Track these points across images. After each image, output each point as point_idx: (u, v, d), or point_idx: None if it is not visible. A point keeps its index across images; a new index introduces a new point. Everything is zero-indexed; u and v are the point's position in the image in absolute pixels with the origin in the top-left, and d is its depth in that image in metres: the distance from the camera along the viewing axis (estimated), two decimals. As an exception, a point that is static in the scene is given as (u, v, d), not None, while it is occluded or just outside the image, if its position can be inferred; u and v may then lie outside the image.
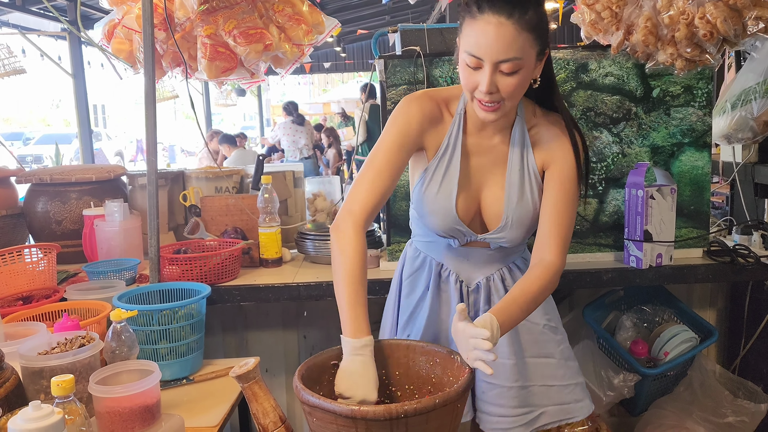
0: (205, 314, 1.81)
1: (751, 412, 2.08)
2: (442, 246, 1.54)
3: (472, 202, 1.47)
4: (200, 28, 2.30)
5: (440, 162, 1.44)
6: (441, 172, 1.44)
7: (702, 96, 2.04)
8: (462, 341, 1.20)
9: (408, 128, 1.41)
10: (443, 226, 1.46)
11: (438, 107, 1.45)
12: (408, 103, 1.44)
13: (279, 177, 2.47)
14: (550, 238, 1.39)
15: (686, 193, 2.09)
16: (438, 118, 1.45)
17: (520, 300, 1.31)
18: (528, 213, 1.44)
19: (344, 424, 1.10)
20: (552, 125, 1.46)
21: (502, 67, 1.26)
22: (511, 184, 1.44)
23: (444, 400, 1.11)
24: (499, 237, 1.46)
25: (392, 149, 1.40)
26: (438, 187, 1.44)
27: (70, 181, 2.43)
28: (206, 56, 2.28)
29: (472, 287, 1.54)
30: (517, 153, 1.44)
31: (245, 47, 2.28)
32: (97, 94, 22.08)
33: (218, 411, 1.55)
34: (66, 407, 1.10)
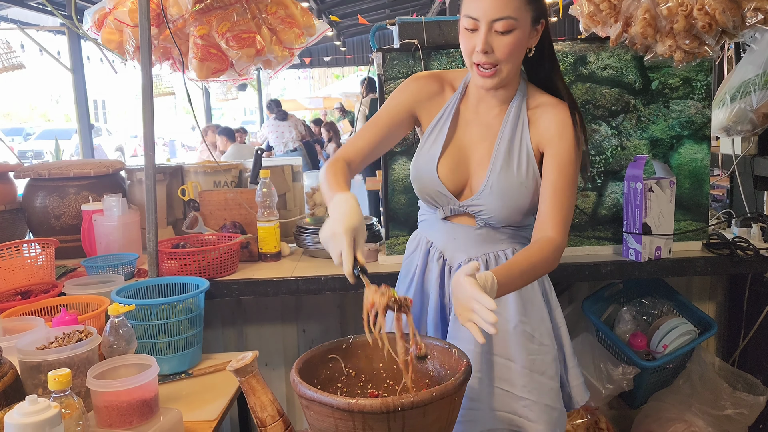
0: (203, 308, 1.81)
1: (750, 404, 2.09)
2: (433, 222, 1.57)
3: (459, 170, 1.50)
4: (193, 28, 2.29)
5: (432, 130, 1.53)
6: (432, 139, 1.52)
7: (701, 88, 2.03)
8: (462, 298, 1.17)
9: (401, 97, 1.54)
10: (426, 189, 1.52)
11: (440, 84, 1.55)
12: (412, 78, 1.57)
13: (277, 171, 2.47)
14: (550, 217, 1.40)
15: (685, 185, 2.08)
16: (437, 92, 1.54)
17: (523, 265, 1.31)
18: (511, 184, 1.44)
19: (341, 417, 1.10)
20: (554, 107, 1.48)
21: (497, 26, 1.33)
22: (498, 152, 1.47)
23: (441, 393, 1.11)
24: (479, 204, 1.47)
25: (387, 111, 1.54)
26: (426, 152, 1.52)
27: (69, 176, 2.43)
28: (197, 57, 2.28)
29: (455, 266, 1.53)
30: (510, 126, 1.48)
31: (238, 51, 2.28)
32: (97, 89, 22.06)
33: (217, 405, 1.55)
34: (63, 401, 1.10)
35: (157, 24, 2.22)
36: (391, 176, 2.07)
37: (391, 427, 1.09)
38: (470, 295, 1.15)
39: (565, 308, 2.37)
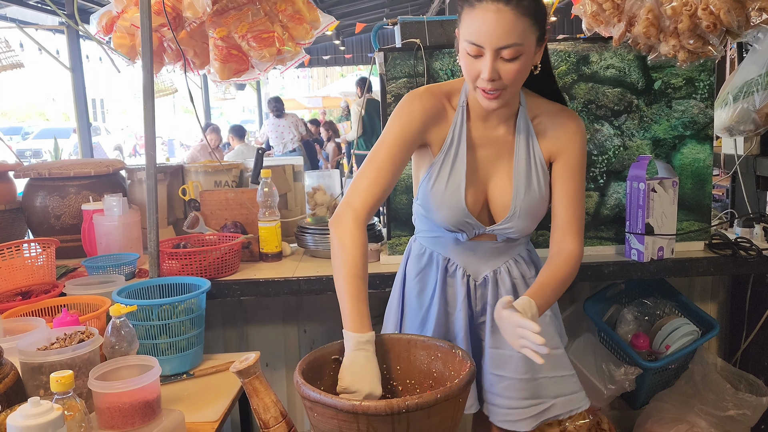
0: (205, 309, 1.80)
1: (752, 405, 2.08)
2: (448, 241, 1.53)
3: (479, 194, 1.46)
4: (212, 30, 2.30)
5: (446, 156, 1.44)
6: (448, 166, 1.44)
7: (704, 88, 2.02)
8: (508, 329, 1.23)
9: (410, 124, 1.41)
10: (452, 220, 1.45)
11: (440, 102, 1.45)
12: (410, 99, 1.44)
13: (278, 171, 2.46)
14: (568, 229, 1.43)
15: (688, 185, 2.08)
16: (441, 113, 1.45)
17: (552, 284, 1.36)
18: (535, 202, 1.44)
19: (345, 419, 1.09)
20: (556, 114, 1.46)
21: (503, 53, 1.27)
22: (518, 173, 1.44)
23: (446, 394, 1.10)
24: (507, 228, 1.46)
25: (395, 145, 1.40)
26: (446, 181, 1.43)
27: (69, 175, 2.42)
28: (219, 58, 2.29)
29: (479, 281, 1.53)
30: (523, 142, 1.45)
31: (260, 51, 2.29)
32: (96, 89, 22.04)
33: (219, 406, 1.54)
34: (65, 403, 1.09)
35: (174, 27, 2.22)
36: (392, 176, 2.06)
37: (396, 429, 1.09)
38: (515, 324, 1.21)
39: (567, 309, 2.37)
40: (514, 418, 1.51)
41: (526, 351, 1.21)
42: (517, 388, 1.51)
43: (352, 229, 1.34)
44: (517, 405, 1.51)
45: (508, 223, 1.45)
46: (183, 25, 2.25)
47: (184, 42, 2.30)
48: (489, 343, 1.53)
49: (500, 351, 1.51)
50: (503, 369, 1.51)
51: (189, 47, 2.32)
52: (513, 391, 1.51)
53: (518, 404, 1.51)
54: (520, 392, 1.51)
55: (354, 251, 1.32)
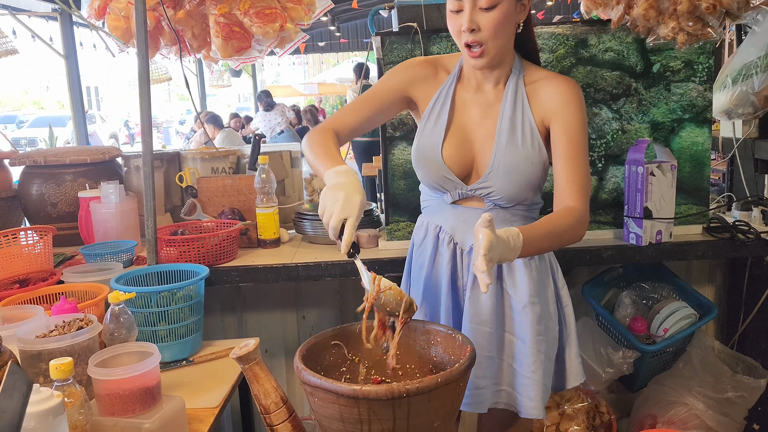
0: (203, 295, 1.80)
1: (750, 387, 2.09)
2: (438, 206, 1.56)
3: (463, 153, 1.49)
4: (213, 7, 2.27)
5: (430, 114, 1.52)
6: (431, 123, 1.52)
7: (702, 71, 2.01)
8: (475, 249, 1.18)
9: (396, 76, 1.55)
10: (432, 175, 1.51)
11: (434, 68, 1.56)
12: (406, 61, 1.59)
13: (276, 157, 2.45)
14: (567, 187, 1.40)
15: (686, 169, 2.07)
16: (431, 75, 1.55)
17: (547, 226, 1.32)
18: (518, 161, 1.44)
19: (346, 404, 1.10)
20: (552, 80, 1.49)
21: (480, 2, 1.34)
22: (500, 131, 1.47)
23: (446, 379, 1.10)
24: (487, 186, 1.47)
25: (379, 87, 1.54)
26: (428, 137, 1.51)
27: (65, 163, 2.40)
28: (220, 35, 2.26)
29: (466, 249, 1.52)
30: (510, 104, 1.48)
31: (263, 27, 2.26)
32: (90, 76, 21.90)
33: (219, 392, 1.55)
34: (65, 390, 1.09)
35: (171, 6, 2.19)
36: (390, 161, 2.06)
37: (396, 414, 1.09)
38: (476, 252, 1.15)
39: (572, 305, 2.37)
40: (475, 400, 1.49)
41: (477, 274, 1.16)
42: (484, 366, 1.48)
43: (316, 134, 1.45)
44: (479, 384, 1.48)
45: (487, 181, 1.46)
46: (182, 3, 2.21)
47: (183, 22, 2.27)
48: (466, 316, 1.49)
49: (475, 326, 1.48)
50: (480, 347, 1.46)
51: (187, 27, 2.29)
52: (479, 369, 1.47)
53: (480, 383, 1.48)
54: (484, 370, 1.48)
55: (321, 139, 1.42)
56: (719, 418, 2.08)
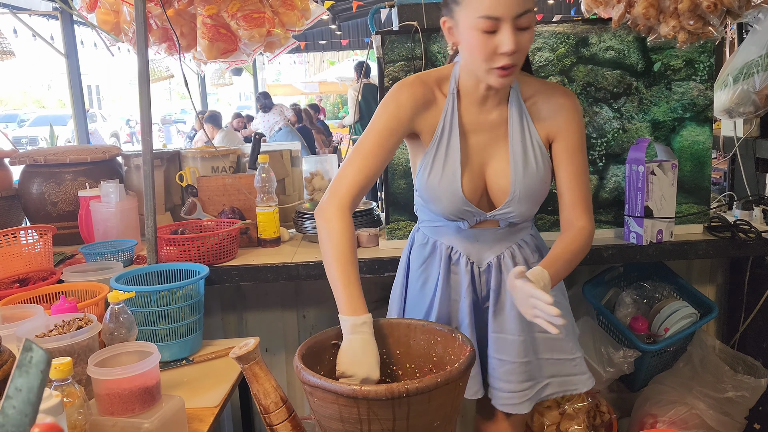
0: (203, 295, 1.79)
1: (751, 386, 2.09)
2: (450, 229, 1.52)
3: (477, 181, 1.45)
4: (201, 8, 2.26)
5: (439, 145, 1.42)
6: (441, 155, 1.42)
7: (703, 70, 2.01)
8: (521, 298, 1.26)
9: (399, 113, 1.40)
10: (452, 210, 1.44)
11: (431, 90, 1.43)
12: (399, 87, 1.42)
13: (276, 156, 2.44)
14: (575, 207, 1.44)
15: (687, 168, 2.07)
16: (431, 101, 1.43)
17: (564, 256, 1.38)
18: (534, 183, 1.43)
19: (346, 403, 1.09)
20: (550, 94, 1.45)
21: (520, 21, 1.25)
22: (515, 156, 1.43)
23: (446, 378, 1.10)
24: (508, 212, 1.45)
25: (382, 134, 1.40)
26: (441, 171, 1.42)
27: (65, 162, 2.40)
28: (207, 36, 2.25)
29: (483, 267, 1.53)
30: (517, 125, 1.43)
31: (249, 31, 2.26)
32: (91, 75, 21.91)
33: (219, 392, 1.55)
34: (64, 390, 1.09)
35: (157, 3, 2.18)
36: (391, 161, 2.05)
37: (396, 414, 1.09)
38: (528, 294, 1.23)
39: (566, 292, 2.36)
40: (515, 401, 1.52)
41: (540, 321, 1.23)
42: (518, 372, 1.52)
43: (337, 216, 1.34)
44: (517, 388, 1.52)
45: (508, 207, 1.44)
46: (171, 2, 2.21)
47: (172, 20, 2.27)
48: (492, 328, 1.53)
49: (502, 336, 1.52)
50: (504, 353, 1.51)
51: (176, 26, 2.28)
52: (513, 375, 1.52)
53: (518, 387, 1.52)
54: (519, 375, 1.52)
55: (341, 238, 1.32)
56: (720, 418, 2.07)
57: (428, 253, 1.56)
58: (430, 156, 1.43)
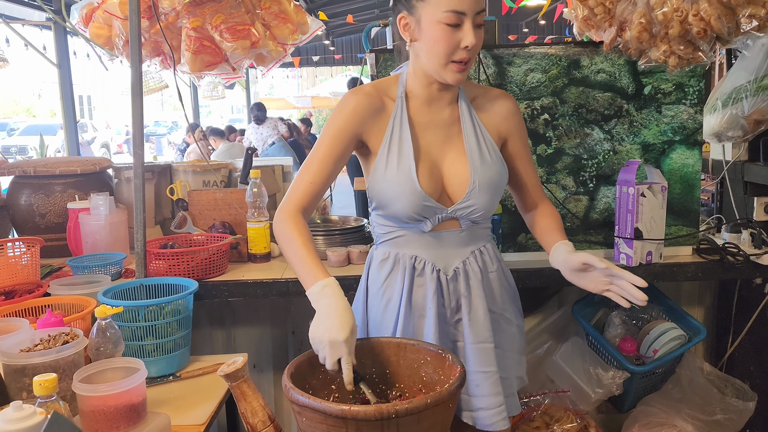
0: (192, 310, 1.78)
1: (739, 410, 2.09)
2: (413, 236, 1.49)
3: (434, 177, 1.46)
4: (186, 20, 2.26)
5: (390, 145, 1.45)
6: (395, 154, 1.44)
7: (693, 94, 2.03)
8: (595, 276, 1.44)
9: (347, 120, 1.44)
10: (412, 206, 1.43)
11: (378, 97, 1.47)
12: (347, 97, 1.47)
13: (268, 171, 2.44)
14: (536, 190, 1.64)
15: (676, 190, 2.09)
16: (379, 108, 1.47)
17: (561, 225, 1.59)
18: (492, 175, 1.47)
19: (334, 424, 1.08)
20: (493, 97, 1.55)
21: (478, 19, 1.35)
22: (470, 149, 1.47)
23: (436, 399, 1.09)
24: (469, 205, 1.46)
25: (332, 141, 1.44)
26: (396, 167, 1.43)
27: (55, 173, 2.38)
28: (191, 49, 2.25)
29: (450, 275, 1.49)
30: (468, 122, 1.49)
31: (232, 43, 2.26)
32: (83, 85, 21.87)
33: (205, 409, 1.53)
34: (48, 407, 1.07)
35: (147, 17, 2.18)
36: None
37: (385, 435, 1.07)
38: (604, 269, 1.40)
39: (555, 312, 2.37)
40: (503, 416, 1.48)
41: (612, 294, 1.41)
42: (499, 383, 1.48)
43: (290, 220, 1.40)
44: (501, 402, 1.48)
45: (468, 200, 1.45)
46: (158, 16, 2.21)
47: (159, 34, 2.27)
48: (470, 339, 1.48)
49: (482, 345, 1.48)
50: (487, 364, 1.47)
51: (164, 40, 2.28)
52: (498, 386, 1.48)
53: (501, 401, 1.48)
54: (500, 387, 1.49)
55: (295, 233, 1.37)
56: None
57: (389, 269, 1.51)
58: (383, 156, 1.45)
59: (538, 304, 2.38)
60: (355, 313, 1.54)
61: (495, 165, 1.48)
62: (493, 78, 2.00)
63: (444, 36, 1.34)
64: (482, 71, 1.99)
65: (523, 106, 2.02)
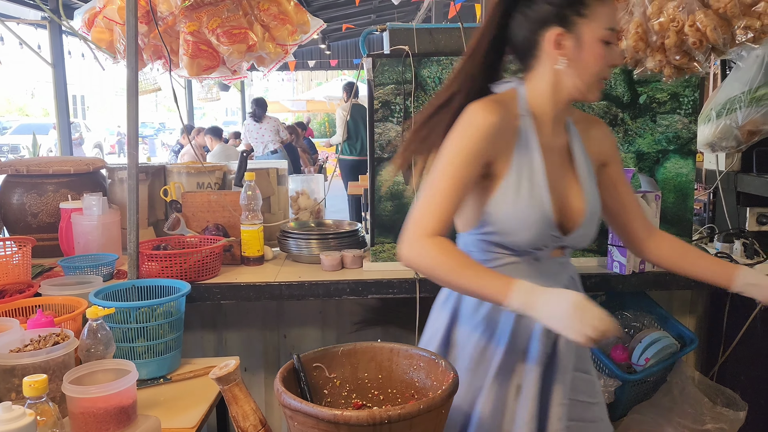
0: (184, 312, 1.77)
1: (730, 419, 2.10)
2: (521, 265, 1.37)
3: (556, 205, 1.36)
4: (183, 24, 2.26)
5: (520, 169, 1.33)
6: (525, 179, 1.32)
7: (688, 103, 2.04)
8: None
9: (480, 141, 1.29)
10: (539, 235, 1.33)
11: (506, 115, 1.33)
12: (477, 114, 1.30)
13: (262, 174, 2.44)
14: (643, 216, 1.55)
15: (670, 199, 2.09)
16: (507, 127, 1.33)
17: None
18: (598, 204, 1.42)
19: (326, 428, 1.08)
20: (591, 121, 1.51)
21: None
22: (582, 176, 1.40)
23: (429, 405, 1.09)
24: (582, 234, 1.38)
25: (462, 164, 1.28)
26: (528, 196, 1.31)
27: (48, 173, 2.37)
28: (188, 53, 2.25)
29: None
30: (578, 147, 1.42)
31: (228, 47, 2.25)
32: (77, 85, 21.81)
33: (196, 412, 1.52)
34: (38, 408, 1.06)
35: (146, 22, 2.18)
36: (378, 182, 2.06)
37: (377, 440, 1.07)
38: None
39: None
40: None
41: None
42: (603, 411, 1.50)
43: (433, 242, 1.26)
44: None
45: (583, 229, 1.38)
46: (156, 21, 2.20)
47: (157, 38, 2.27)
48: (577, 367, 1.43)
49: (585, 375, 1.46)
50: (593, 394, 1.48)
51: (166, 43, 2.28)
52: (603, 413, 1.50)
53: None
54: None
55: (449, 248, 1.25)
56: (698, 450, 2.08)
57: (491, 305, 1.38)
58: (510, 181, 1.32)
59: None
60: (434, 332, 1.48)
61: (596, 192, 1.43)
62: (490, 84, 2.01)
63: (603, 54, 1.30)
64: (478, 78, 1.99)
65: (519, 113, 2.03)
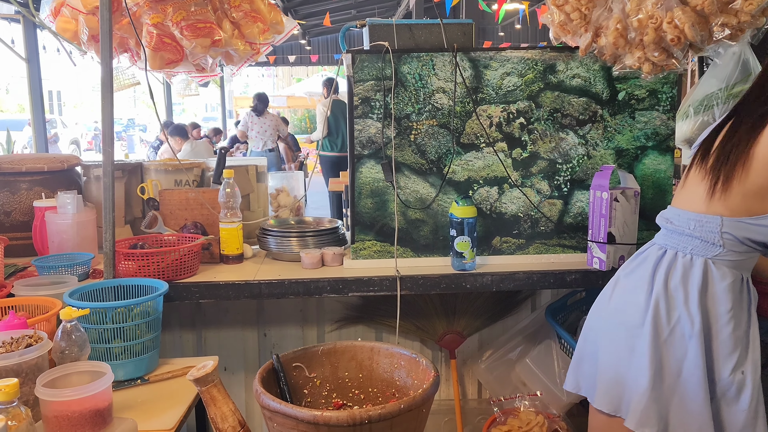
0: (162, 312, 1.74)
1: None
2: (755, 257, 1.55)
3: None
4: (147, 16, 2.21)
5: None
6: None
7: (666, 100, 2.06)
8: None
9: None
10: None
11: None
12: None
13: (241, 171, 2.41)
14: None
15: (648, 195, 2.11)
16: None
17: None
18: None
19: (306, 429, 1.07)
20: None
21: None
22: None
23: (409, 405, 1.09)
24: None
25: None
26: None
27: (21, 170, 2.32)
28: (150, 45, 2.20)
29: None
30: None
31: (191, 41, 2.21)
32: (53, 80, 21.47)
33: (174, 413, 1.49)
34: (9, 412, 1.04)
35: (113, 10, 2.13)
36: (358, 179, 2.04)
37: (358, 441, 1.06)
38: None
39: (528, 315, 2.38)
40: None
41: None
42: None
43: None
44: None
45: None
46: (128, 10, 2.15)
47: (124, 29, 2.22)
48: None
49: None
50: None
51: (131, 36, 2.23)
52: None
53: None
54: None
55: None
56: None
57: (737, 292, 1.50)
58: None
59: (511, 307, 2.39)
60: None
61: None
62: (470, 81, 2.00)
63: None
64: (459, 74, 1.99)
65: (499, 109, 2.03)
